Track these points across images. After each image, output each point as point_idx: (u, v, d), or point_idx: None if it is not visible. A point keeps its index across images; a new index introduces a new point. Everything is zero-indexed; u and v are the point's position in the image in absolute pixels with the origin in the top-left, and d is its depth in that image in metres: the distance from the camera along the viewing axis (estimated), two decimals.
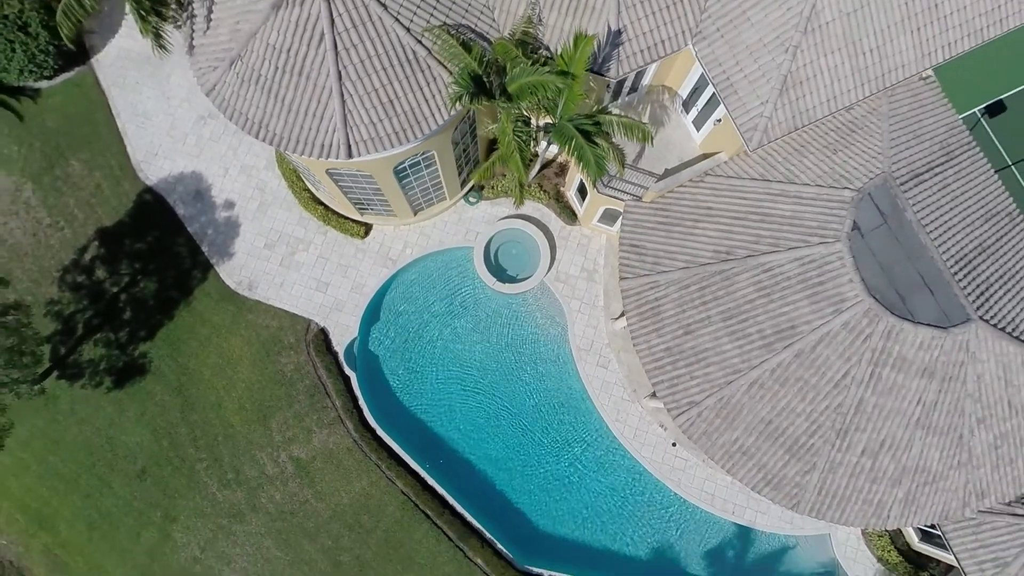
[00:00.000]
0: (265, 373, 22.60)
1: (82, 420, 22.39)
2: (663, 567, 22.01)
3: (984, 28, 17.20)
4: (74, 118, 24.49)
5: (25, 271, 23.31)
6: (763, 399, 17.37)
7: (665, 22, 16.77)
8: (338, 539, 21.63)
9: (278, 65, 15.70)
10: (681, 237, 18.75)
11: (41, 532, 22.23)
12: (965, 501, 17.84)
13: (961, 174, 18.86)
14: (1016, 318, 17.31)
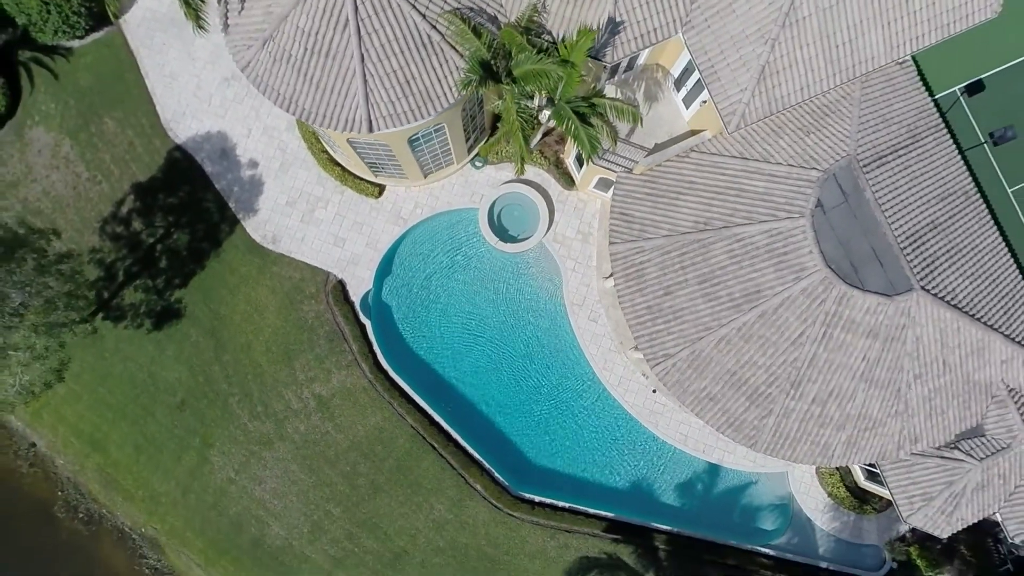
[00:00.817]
0: (289, 319, 25.26)
1: (126, 357, 25.22)
2: (640, 498, 25.26)
3: (951, 23, 18.91)
4: (105, 77, 26.26)
5: (68, 221, 25.64)
6: (729, 353, 20.01)
7: (658, 11, 18.48)
8: (355, 465, 24.80)
9: (307, 46, 17.60)
10: (665, 208, 20.97)
11: (94, 453, 25.42)
12: (900, 444, 20.73)
13: (924, 156, 20.88)
14: (957, 288, 19.73)
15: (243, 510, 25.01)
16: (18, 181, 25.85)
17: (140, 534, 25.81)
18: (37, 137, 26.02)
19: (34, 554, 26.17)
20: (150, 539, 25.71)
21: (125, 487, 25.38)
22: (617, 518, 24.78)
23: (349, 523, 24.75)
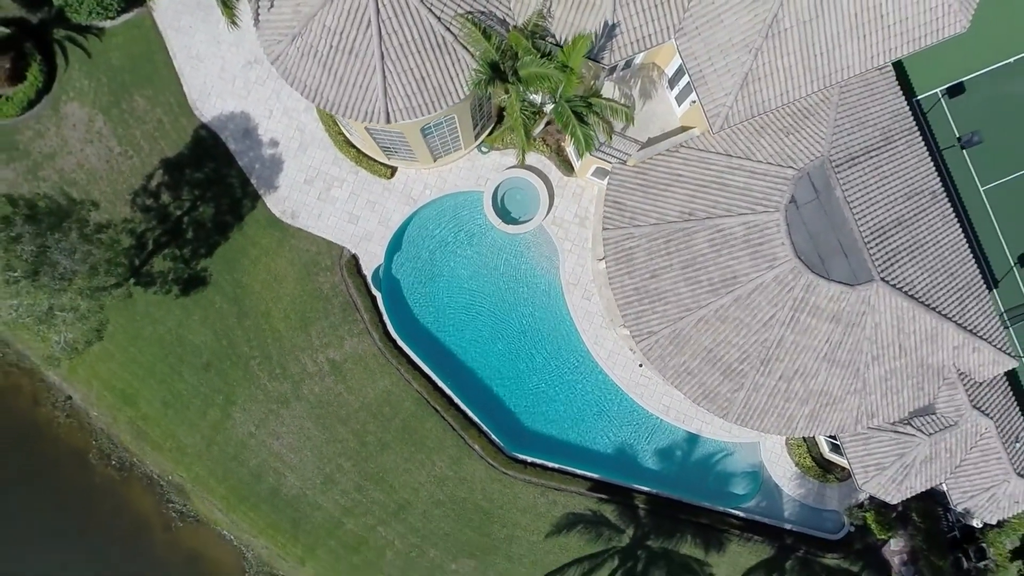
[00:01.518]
0: (306, 289, 27.53)
1: (156, 320, 27.57)
2: (624, 461, 27.83)
3: (922, 37, 20.68)
4: (136, 57, 28.07)
5: (102, 193, 27.71)
6: (707, 332, 22.29)
7: (653, 19, 20.29)
8: (365, 424, 27.33)
9: (332, 44, 19.49)
10: (655, 198, 23.03)
11: (126, 407, 27.95)
12: (857, 419, 23.12)
13: (895, 157, 22.85)
14: (915, 280, 21.90)
15: (262, 462, 27.62)
16: (55, 153, 27.87)
17: (167, 481, 28.49)
18: (72, 112, 27.95)
19: (70, 497, 28.90)
20: (176, 486, 28.40)
21: (154, 438, 27.96)
22: (602, 479, 27.39)
23: (358, 476, 27.38)
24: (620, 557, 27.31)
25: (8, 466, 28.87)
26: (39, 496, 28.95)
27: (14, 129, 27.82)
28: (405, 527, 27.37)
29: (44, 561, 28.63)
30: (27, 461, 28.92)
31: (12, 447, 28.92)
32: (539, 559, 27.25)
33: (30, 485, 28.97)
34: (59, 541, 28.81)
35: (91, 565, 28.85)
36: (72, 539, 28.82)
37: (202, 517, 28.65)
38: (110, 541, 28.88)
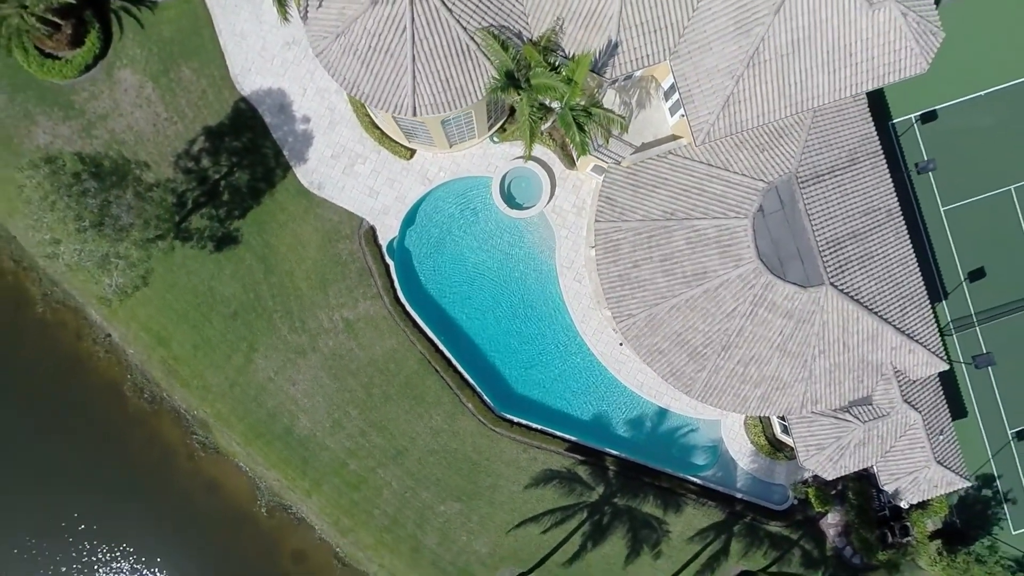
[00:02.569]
0: (327, 254, 31.00)
1: (191, 272, 31.09)
2: (599, 427, 31.64)
3: (886, 75, 23.84)
4: (185, 31, 31.11)
5: (148, 154, 30.99)
6: (678, 318, 25.86)
7: (652, 41, 23.43)
8: (372, 378, 31.06)
9: (371, 44, 22.68)
10: (642, 197, 26.40)
11: (159, 347, 31.62)
12: (803, 404, 26.81)
13: (858, 177, 26.19)
14: (862, 287, 25.39)
15: (278, 404, 31.41)
16: (107, 114, 31.09)
17: (193, 416, 32.33)
18: (124, 78, 31.10)
19: (105, 424, 32.76)
20: (200, 420, 32.24)
21: (183, 377, 31.70)
22: (578, 441, 31.22)
23: (363, 423, 31.20)
24: (589, 510, 31.28)
25: (50, 394, 32.66)
26: (77, 422, 32.81)
27: (71, 90, 30.99)
28: (402, 471, 31.28)
29: (78, 481, 32.61)
30: (68, 390, 32.71)
31: (55, 377, 32.69)
32: (518, 507, 31.22)
33: (69, 412, 32.81)
34: (93, 464, 32.73)
35: (121, 486, 32.81)
36: (105, 462, 32.75)
37: (222, 450, 32.55)
38: (139, 465, 32.79)
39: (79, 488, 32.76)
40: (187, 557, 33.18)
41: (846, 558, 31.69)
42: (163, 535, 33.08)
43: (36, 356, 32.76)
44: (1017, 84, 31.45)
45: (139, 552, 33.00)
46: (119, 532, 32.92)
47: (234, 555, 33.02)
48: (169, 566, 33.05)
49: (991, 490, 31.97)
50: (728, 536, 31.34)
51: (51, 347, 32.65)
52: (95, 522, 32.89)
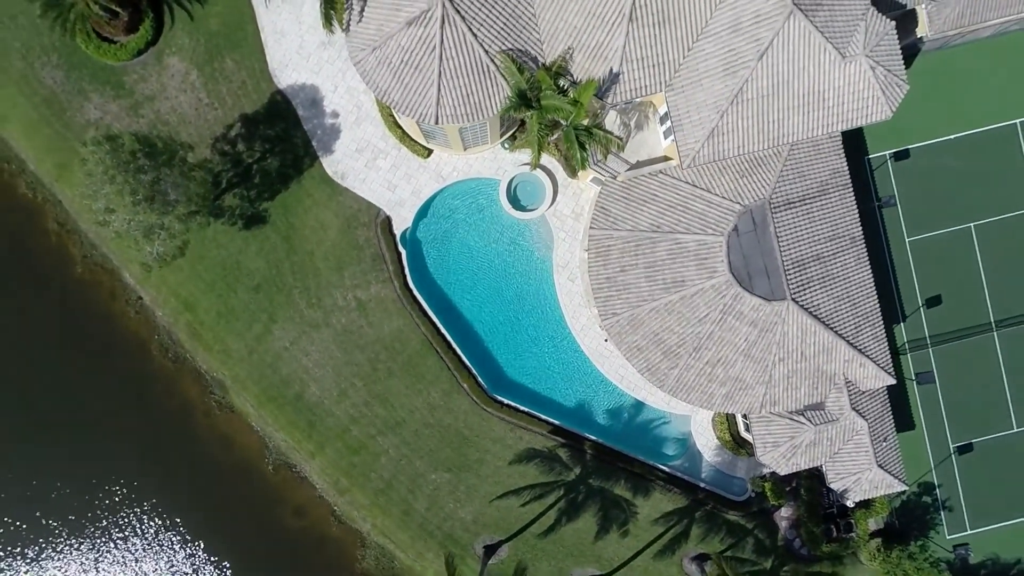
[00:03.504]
0: (345, 239, 34.46)
1: (220, 245, 34.54)
2: (581, 414, 35.23)
3: (854, 119, 27.32)
4: (230, 25, 34.45)
5: (188, 135, 34.38)
6: (656, 320, 29.41)
7: (650, 74, 26.86)
8: (378, 354, 34.59)
9: (403, 59, 26.12)
10: (633, 210, 29.90)
11: (186, 312, 35.11)
12: (763, 404, 30.39)
13: (827, 206, 29.69)
14: (821, 304, 28.91)
15: (291, 372, 34.93)
16: (155, 96, 34.49)
17: (212, 377, 35.85)
18: (172, 64, 34.48)
19: (131, 379, 36.27)
20: (219, 382, 35.77)
21: (206, 341, 35.20)
22: (560, 425, 34.81)
23: (367, 394, 34.76)
24: (565, 488, 34.89)
25: (83, 347, 36.18)
26: (105, 375, 36.34)
27: (123, 71, 34.38)
28: (399, 440, 34.87)
29: (101, 430, 36.16)
30: (99, 346, 36.23)
31: (89, 332, 36.20)
32: (502, 480, 34.83)
33: (99, 365, 36.34)
34: (116, 414, 36.28)
35: (141, 437, 36.37)
36: (128, 414, 36.30)
37: (236, 409, 36.10)
38: (159, 419, 36.36)
39: (102, 436, 36.30)
40: (197, 506, 36.76)
41: (795, 549, 35.34)
42: (176, 484, 36.65)
43: (72, 312, 36.27)
44: (982, 132, 34.90)
45: (153, 500, 36.55)
46: (136, 480, 36.47)
47: (241, 506, 36.63)
48: (180, 513, 36.61)
49: (931, 497, 35.60)
50: (690, 521, 34.96)
51: (87, 305, 36.15)
52: (114, 468, 36.43)
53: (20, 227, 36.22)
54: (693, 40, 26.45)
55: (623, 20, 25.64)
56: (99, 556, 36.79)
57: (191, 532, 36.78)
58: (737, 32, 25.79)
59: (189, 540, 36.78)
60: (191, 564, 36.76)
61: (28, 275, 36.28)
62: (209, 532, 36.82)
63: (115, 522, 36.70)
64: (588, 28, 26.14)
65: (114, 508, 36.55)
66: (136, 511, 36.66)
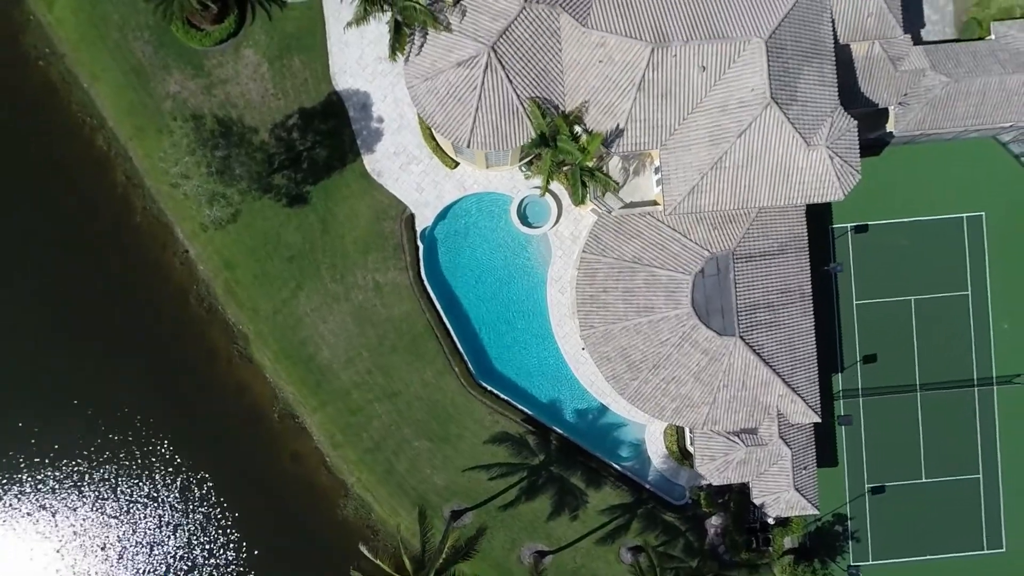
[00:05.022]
0: (372, 228, 40.57)
1: (265, 218, 40.60)
2: (552, 409, 41.30)
3: (812, 196, 33.54)
4: (302, 29, 40.60)
5: (252, 119, 40.45)
6: (625, 337, 35.56)
7: (649, 134, 33.06)
8: (386, 331, 40.64)
9: (449, 92, 32.33)
10: (622, 241, 36.07)
11: (225, 270, 41.14)
12: (705, 422, 36.51)
13: (784, 264, 35.89)
14: (765, 345, 35.04)
15: (308, 336, 40.98)
16: (228, 80, 40.64)
17: (238, 330, 41.86)
18: (248, 56, 40.66)
19: (168, 321, 42.28)
20: (244, 334, 41.79)
21: (239, 297, 41.24)
22: (533, 416, 40.89)
23: (371, 364, 40.82)
24: (529, 471, 40.94)
25: (131, 288, 42.21)
26: (146, 314, 42.36)
27: (204, 55, 40.53)
28: (392, 408, 40.93)
29: (137, 361, 42.14)
30: (145, 288, 42.25)
31: (138, 275, 42.22)
32: (475, 456, 40.84)
33: (142, 305, 42.35)
34: (151, 350, 42.28)
35: (168, 373, 42.37)
36: (161, 352, 42.30)
37: (255, 361, 42.08)
38: (186, 360, 42.35)
39: (134, 367, 42.27)
40: (206, 441, 42.66)
41: (718, 553, 41.36)
42: (192, 418, 42.57)
43: (126, 256, 42.36)
44: (933, 220, 41.16)
45: (168, 428, 42.43)
46: (157, 408, 42.41)
47: (246, 446, 42.62)
48: (191, 445, 42.46)
49: (842, 527, 41.70)
50: (632, 516, 40.98)
51: (140, 251, 42.26)
52: (139, 397, 42.38)
53: (92, 175, 42.34)
54: (688, 112, 32.70)
55: (633, 88, 31.91)
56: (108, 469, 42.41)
57: (197, 463, 42.50)
58: (724, 112, 32.05)
59: (193, 469, 42.45)
60: (193, 490, 42.45)
61: (92, 219, 42.39)
62: (213, 465, 42.57)
63: (128, 442, 42.34)
64: (604, 90, 32.41)
65: (130, 431, 42.24)
66: (150, 436, 42.37)
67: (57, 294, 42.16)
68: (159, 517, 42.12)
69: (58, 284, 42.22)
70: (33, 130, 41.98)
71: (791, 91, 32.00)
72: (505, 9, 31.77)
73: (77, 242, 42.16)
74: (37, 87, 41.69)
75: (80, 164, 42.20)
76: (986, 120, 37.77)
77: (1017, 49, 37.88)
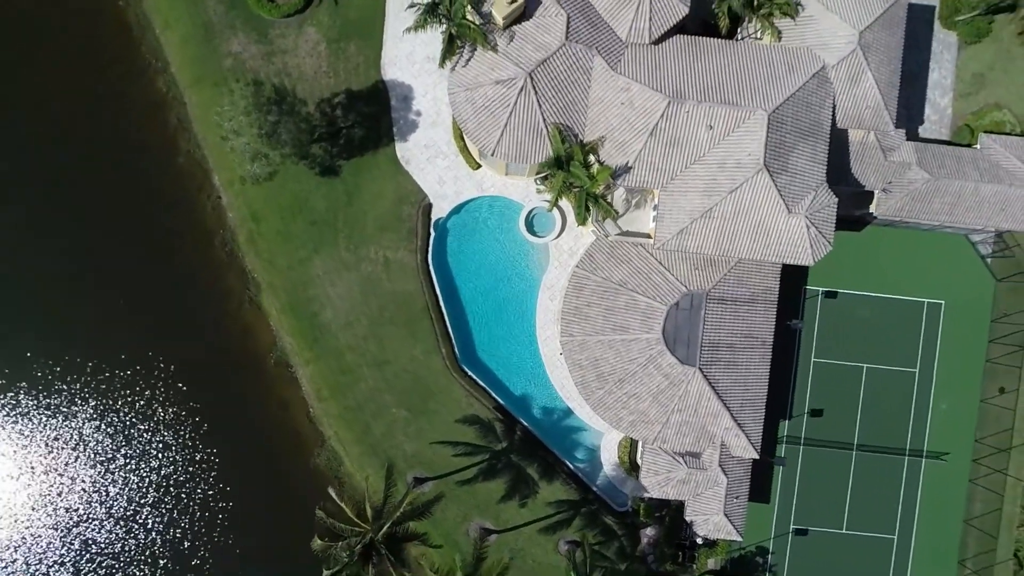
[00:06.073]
0: (392, 210, 45.08)
1: (298, 182, 45.02)
2: (522, 403, 45.82)
3: (785, 257, 38.11)
4: (363, 18, 45.08)
5: (302, 91, 44.93)
6: (599, 349, 40.11)
7: (653, 175, 37.63)
8: (387, 304, 45.13)
9: (484, 104, 36.88)
10: (612, 264, 40.64)
11: (252, 221, 45.61)
12: (656, 438, 41.09)
13: (752, 312, 40.51)
14: (720, 380, 39.59)
15: (315, 295, 45.47)
16: (287, 51, 45.15)
17: (253, 277, 46.29)
18: (309, 33, 45.17)
19: (191, 257, 46.74)
20: (257, 283, 46.24)
21: (259, 248, 45.70)
22: (504, 405, 45.43)
23: (367, 332, 45.30)
24: (491, 454, 45.42)
25: (163, 223, 46.66)
26: (174, 246, 46.83)
27: (270, 25, 45.03)
28: (379, 374, 45.43)
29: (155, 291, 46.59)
30: (176, 224, 46.71)
31: (171, 212, 46.66)
32: (446, 432, 45.32)
33: (169, 240, 46.81)
34: (171, 283, 46.70)
35: (182, 306, 46.82)
36: (180, 285, 46.75)
37: (262, 308, 46.54)
38: (202, 299, 46.81)
39: (151, 295, 46.68)
40: (206, 373, 47.04)
41: (647, 561, 45.89)
42: (196, 351, 47.02)
43: (163, 191, 46.83)
44: (896, 298, 45.74)
45: (171, 358, 46.82)
46: (165, 337, 46.85)
47: (239, 384, 47.09)
48: (189, 374, 46.83)
49: (763, 560, 46.30)
50: (575, 513, 45.51)
51: (177, 189, 46.73)
52: (151, 322, 46.84)
53: (148, 112, 46.85)
54: (690, 162, 37.30)
55: (646, 133, 36.52)
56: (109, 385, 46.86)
57: (192, 392, 46.73)
58: (722, 169, 36.66)
59: (188, 397, 46.72)
60: (184, 416, 46.77)
61: (140, 152, 46.84)
62: (206, 395, 46.93)
63: (132, 362, 46.77)
64: (620, 129, 37.00)
65: (136, 353, 46.65)
66: (155, 359, 46.71)
67: (94, 215, 46.57)
68: (150, 434, 46.54)
69: (96, 206, 46.63)
70: (104, 63, 46.48)
71: (783, 162, 36.63)
72: (547, 43, 36.36)
73: (122, 171, 46.60)
74: (114, 25, 46.23)
75: (139, 101, 46.71)
76: (957, 220, 42.41)
77: (997, 162, 42.53)
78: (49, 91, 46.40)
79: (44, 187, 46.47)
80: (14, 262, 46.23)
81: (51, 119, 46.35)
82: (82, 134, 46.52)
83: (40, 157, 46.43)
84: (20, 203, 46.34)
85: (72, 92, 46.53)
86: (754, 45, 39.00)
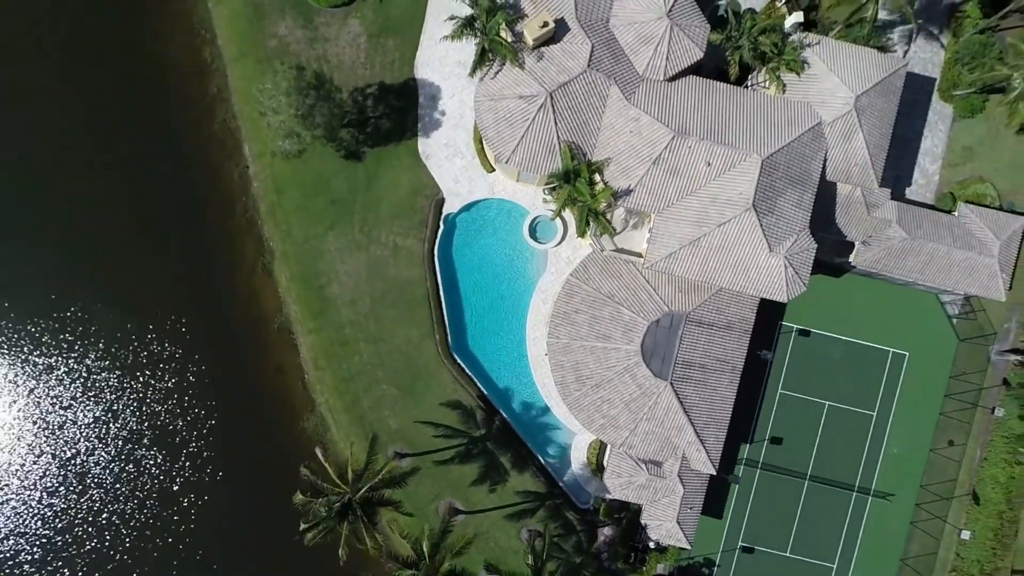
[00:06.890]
0: (407, 200, 48.74)
1: (322, 162, 48.68)
2: (504, 396, 49.46)
3: (762, 292, 41.84)
4: (405, 18, 48.78)
5: (339, 79, 48.59)
6: (581, 354, 43.79)
7: (651, 200, 41.38)
8: (390, 286, 48.76)
9: (506, 116, 40.59)
10: (604, 276, 44.35)
11: (274, 193, 49.23)
12: (623, 443, 44.74)
13: (726, 337, 44.24)
14: (689, 396, 43.31)
15: (325, 269, 49.07)
16: (329, 39, 48.84)
17: (268, 245, 49.90)
18: (352, 25, 48.87)
19: (214, 217, 50.33)
20: (272, 250, 49.82)
21: (278, 219, 49.32)
22: (487, 395, 49.07)
23: (369, 310, 48.90)
24: (468, 439, 49.06)
25: (191, 184, 50.23)
26: (196, 210, 50.44)
27: (317, 12, 48.74)
28: (375, 351, 49.05)
29: (177, 247, 50.23)
30: (203, 187, 50.35)
31: (199, 174, 50.27)
32: (428, 413, 48.95)
33: (195, 202, 50.39)
34: (191, 241, 50.34)
35: (201, 263, 50.43)
36: (200, 244, 50.36)
37: (273, 275, 50.11)
38: (219, 261, 50.37)
39: (169, 250, 50.32)
40: (212, 330, 50.61)
41: (601, 558, 49.58)
42: (204, 307, 50.62)
43: (195, 154, 50.43)
44: (864, 344, 49.49)
45: (181, 311, 50.38)
46: (179, 292, 50.43)
47: (242, 344, 50.68)
48: (196, 328, 50.35)
49: (709, 571, 49.97)
50: (540, 504, 49.16)
51: (208, 155, 50.35)
52: (166, 275, 50.43)
53: (190, 79, 50.44)
54: (687, 193, 41.04)
55: (649, 161, 40.27)
56: (119, 329, 50.40)
57: (197, 345, 50.35)
58: (714, 203, 40.41)
59: (192, 349, 50.32)
60: (188, 367, 50.30)
61: (177, 113, 50.46)
62: (209, 351, 50.51)
63: (144, 311, 50.35)
64: (626, 153, 40.75)
65: (149, 303, 50.21)
66: (165, 311, 50.26)
67: (124, 172, 50.11)
68: (153, 378, 50.10)
69: (128, 162, 50.19)
70: (154, 27, 50.11)
71: (771, 204, 40.38)
72: (571, 67, 40.09)
73: (158, 130, 50.20)
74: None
75: (183, 67, 50.32)
76: (928, 280, 46.21)
77: (971, 231, 46.37)
78: (97, 49, 49.87)
79: (81, 130, 49.81)
80: (46, 202, 49.80)
81: (96, 74, 49.75)
82: (125, 91, 50.10)
83: (82, 104, 49.94)
84: (55, 140, 49.59)
85: (120, 53, 50.13)
86: (759, 94, 42.79)
